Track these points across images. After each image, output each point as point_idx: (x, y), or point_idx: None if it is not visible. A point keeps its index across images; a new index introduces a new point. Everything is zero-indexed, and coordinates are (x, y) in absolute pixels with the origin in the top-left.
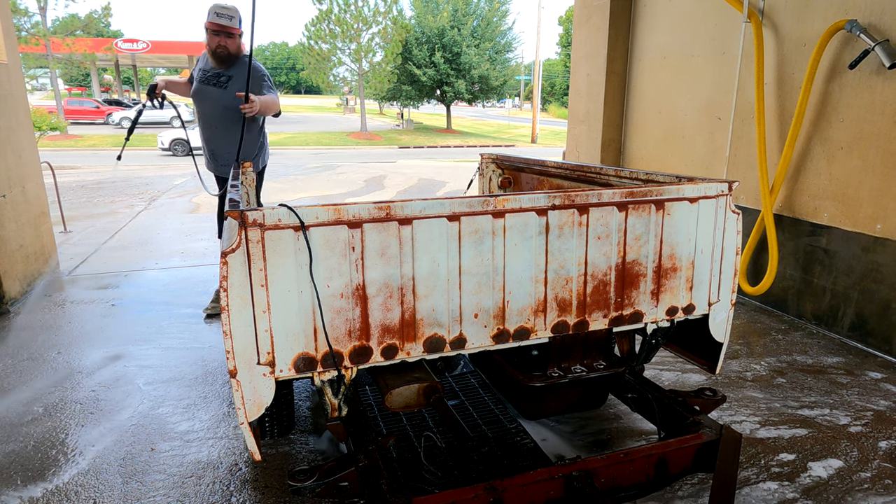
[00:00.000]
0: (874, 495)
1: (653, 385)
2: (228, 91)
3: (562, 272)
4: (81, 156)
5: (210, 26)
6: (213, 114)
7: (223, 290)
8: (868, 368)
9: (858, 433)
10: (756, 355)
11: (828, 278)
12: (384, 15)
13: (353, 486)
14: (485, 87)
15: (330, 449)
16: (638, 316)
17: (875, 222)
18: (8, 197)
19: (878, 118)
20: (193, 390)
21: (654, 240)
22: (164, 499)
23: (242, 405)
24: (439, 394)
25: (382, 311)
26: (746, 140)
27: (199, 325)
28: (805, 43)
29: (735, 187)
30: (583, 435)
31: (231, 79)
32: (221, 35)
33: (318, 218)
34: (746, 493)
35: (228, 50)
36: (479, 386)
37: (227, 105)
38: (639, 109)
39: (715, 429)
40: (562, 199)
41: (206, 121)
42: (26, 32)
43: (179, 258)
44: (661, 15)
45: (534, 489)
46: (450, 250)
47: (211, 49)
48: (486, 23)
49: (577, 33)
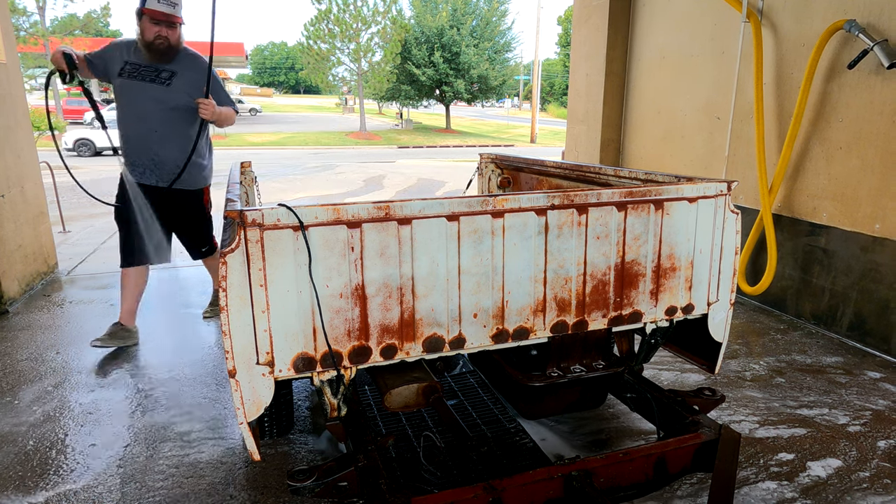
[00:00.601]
0: (873, 495)
1: (652, 385)
2: (174, 89)
3: (561, 272)
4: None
5: (149, 13)
6: (154, 115)
7: (222, 290)
8: (867, 368)
9: (857, 433)
10: (755, 355)
11: (826, 278)
12: (383, 15)
13: (352, 486)
14: (484, 87)
15: (329, 449)
16: (637, 316)
17: (874, 222)
18: (7, 197)
19: (876, 118)
20: (193, 390)
21: (654, 239)
22: (163, 499)
23: (241, 405)
24: (438, 394)
25: (381, 311)
26: (745, 140)
27: (198, 324)
28: (804, 43)
29: (734, 187)
30: (582, 435)
31: (175, 75)
32: (162, 25)
33: (317, 218)
34: (745, 492)
35: (169, 42)
36: (478, 386)
37: (176, 106)
38: (638, 109)
39: (714, 428)
40: (561, 199)
41: (144, 123)
42: (25, 32)
43: (178, 258)
44: (661, 15)
45: (533, 489)
46: (449, 250)
47: (147, 40)
48: (485, 22)
49: (576, 33)
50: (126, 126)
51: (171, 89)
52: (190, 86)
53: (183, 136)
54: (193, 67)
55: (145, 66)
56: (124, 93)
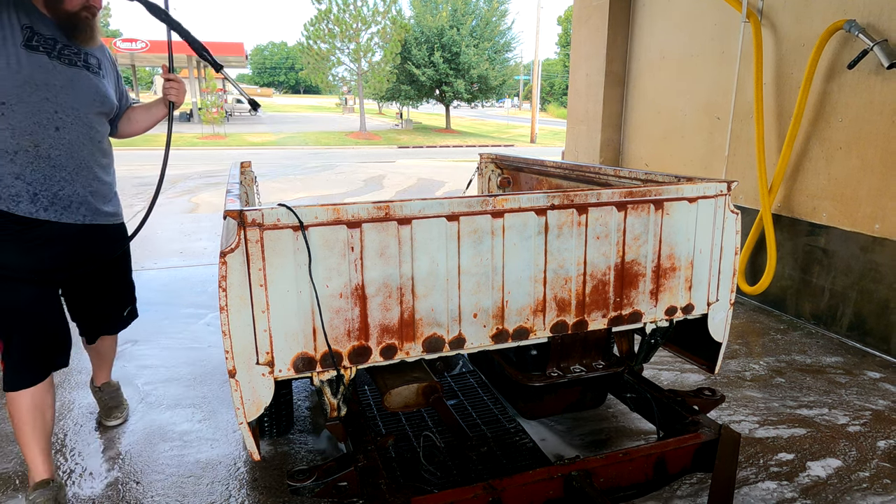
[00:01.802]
0: (873, 495)
1: (652, 385)
2: (105, 82)
3: (561, 272)
4: None
5: None
6: (82, 113)
7: (222, 290)
8: (867, 368)
9: (857, 433)
10: (755, 355)
11: (826, 278)
12: (383, 15)
13: (352, 486)
14: (484, 87)
15: (329, 449)
16: (637, 316)
17: (874, 222)
18: None
19: (876, 118)
20: (192, 390)
21: (653, 239)
22: (162, 499)
23: (241, 405)
24: (438, 394)
25: (381, 311)
26: (745, 140)
27: (198, 324)
28: (804, 43)
29: (734, 187)
30: (582, 435)
31: (101, 64)
32: None
33: (317, 218)
34: (745, 492)
35: (94, 17)
36: (478, 386)
37: (106, 102)
38: (638, 109)
39: (714, 428)
40: (561, 199)
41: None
42: None
43: (178, 258)
44: (661, 15)
45: (533, 489)
46: (449, 250)
47: (71, 10)
48: (485, 22)
49: (576, 33)
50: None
51: (103, 81)
52: (113, 80)
53: (104, 145)
54: (107, 56)
55: (64, 45)
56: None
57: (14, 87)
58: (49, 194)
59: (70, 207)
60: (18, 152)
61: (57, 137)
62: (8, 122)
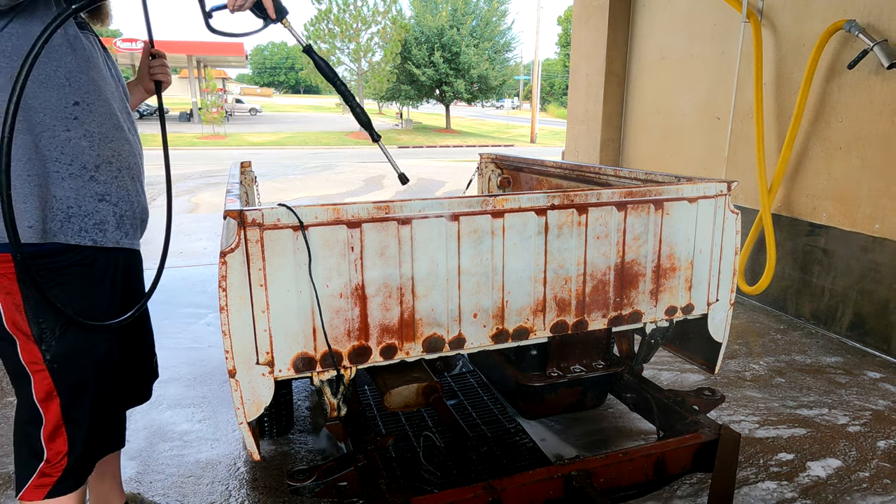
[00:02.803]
0: (872, 495)
1: (652, 385)
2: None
3: (561, 272)
4: None
5: None
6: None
7: (222, 290)
8: (867, 368)
9: (857, 433)
10: (755, 355)
11: (826, 278)
12: (383, 15)
13: (352, 485)
14: (484, 87)
15: (329, 449)
16: (637, 316)
17: (874, 222)
18: None
19: (876, 118)
20: (192, 390)
21: (653, 239)
22: (162, 499)
23: (241, 405)
24: (438, 393)
25: (381, 311)
26: (745, 140)
27: (198, 324)
28: (804, 43)
29: (734, 187)
30: (582, 434)
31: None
32: None
33: (317, 217)
34: (745, 492)
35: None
36: (477, 386)
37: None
38: (638, 109)
39: (714, 428)
40: (561, 199)
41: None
42: None
43: (178, 258)
44: (661, 15)
45: (533, 489)
46: (449, 250)
47: None
48: (485, 22)
49: (576, 33)
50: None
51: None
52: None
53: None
54: None
55: (89, 29)
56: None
57: (89, 82)
58: (132, 215)
59: (141, 227)
60: (100, 166)
61: (126, 140)
62: (84, 127)
